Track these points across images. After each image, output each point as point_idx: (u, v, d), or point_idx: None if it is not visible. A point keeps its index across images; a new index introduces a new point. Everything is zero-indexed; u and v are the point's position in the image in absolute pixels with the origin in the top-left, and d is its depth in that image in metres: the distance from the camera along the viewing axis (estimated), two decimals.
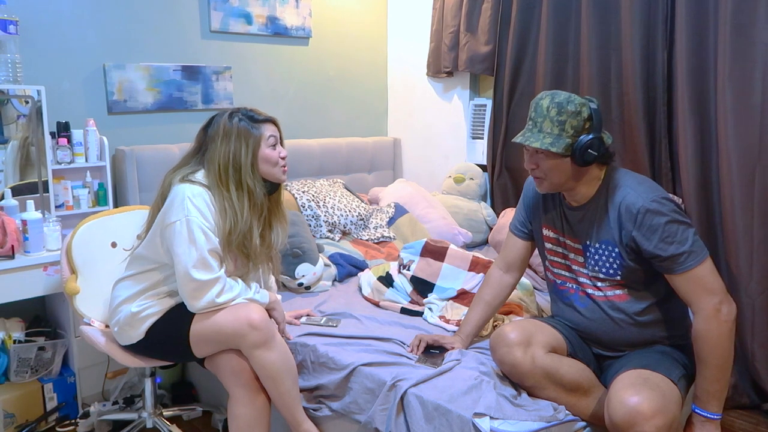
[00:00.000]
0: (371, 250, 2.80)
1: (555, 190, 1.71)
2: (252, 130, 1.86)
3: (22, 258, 2.18)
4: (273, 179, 1.93)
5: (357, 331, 2.05)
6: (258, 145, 1.87)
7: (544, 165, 1.64)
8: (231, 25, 3.05)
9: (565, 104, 1.60)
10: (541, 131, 1.62)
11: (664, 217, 1.56)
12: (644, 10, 2.53)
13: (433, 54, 3.49)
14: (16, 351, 2.30)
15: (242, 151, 1.84)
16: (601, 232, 1.67)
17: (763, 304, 2.34)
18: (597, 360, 1.79)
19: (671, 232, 1.56)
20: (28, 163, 2.43)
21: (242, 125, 1.86)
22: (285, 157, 1.94)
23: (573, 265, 1.75)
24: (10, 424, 2.25)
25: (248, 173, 1.84)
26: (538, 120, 1.63)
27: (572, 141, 1.61)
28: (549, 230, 1.82)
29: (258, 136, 1.87)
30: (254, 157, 1.86)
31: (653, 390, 1.45)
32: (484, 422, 1.53)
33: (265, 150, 1.88)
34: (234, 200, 1.82)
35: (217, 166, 1.83)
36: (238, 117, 1.88)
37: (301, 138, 3.38)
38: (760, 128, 2.26)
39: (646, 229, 1.57)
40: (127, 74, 2.73)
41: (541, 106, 1.63)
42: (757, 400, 2.44)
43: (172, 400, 2.51)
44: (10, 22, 2.28)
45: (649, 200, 1.58)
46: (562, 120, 1.60)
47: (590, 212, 1.69)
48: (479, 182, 3.31)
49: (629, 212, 1.59)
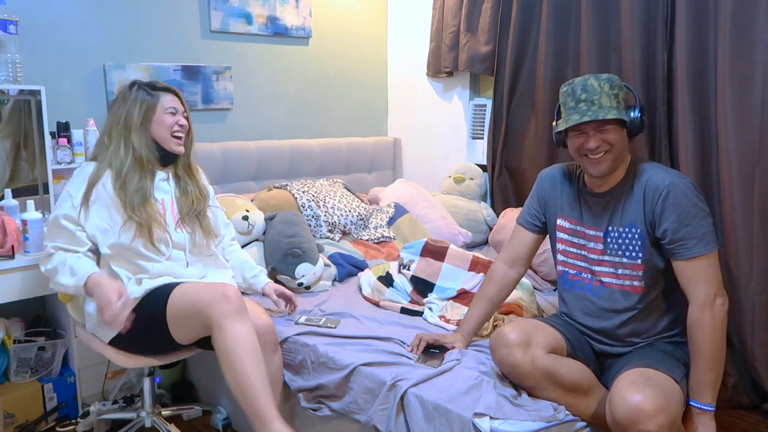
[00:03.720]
0: (371, 250, 2.80)
1: (613, 168, 1.70)
2: (147, 97, 1.95)
3: (22, 258, 2.17)
4: (166, 146, 1.98)
5: (357, 331, 2.05)
6: (152, 110, 1.95)
7: (612, 138, 1.65)
8: (231, 25, 3.05)
9: (614, 80, 1.65)
10: (602, 107, 1.63)
11: (687, 199, 1.60)
12: (644, 10, 2.53)
13: (433, 54, 3.49)
14: (16, 351, 2.30)
15: (134, 113, 1.93)
16: (626, 215, 1.69)
17: (763, 304, 2.34)
18: (598, 359, 1.79)
19: (690, 215, 1.60)
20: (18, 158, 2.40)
21: (139, 92, 1.95)
22: (183, 127, 1.99)
23: (590, 254, 1.76)
24: (10, 424, 2.25)
25: (136, 132, 1.92)
26: (594, 98, 1.64)
27: (626, 112, 1.67)
28: (565, 221, 1.82)
29: (153, 102, 1.95)
30: (146, 119, 1.94)
31: (656, 389, 1.45)
32: (484, 422, 1.53)
33: (161, 115, 1.96)
34: (120, 152, 1.91)
35: (109, 126, 1.95)
36: (138, 86, 1.97)
37: (301, 138, 3.38)
38: (760, 128, 2.26)
39: (668, 205, 1.61)
40: (127, 74, 2.73)
41: (593, 86, 1.64)
42: (757, 400, 2.44)
43: (171, 399, 2.51)
44: (10, 22, 2.28)
45: (676, 180, 1.62)
46: (615, 93, 1.65)
47: (615, 197, 1.72)
48: (479, 182, 3.31)
49: (656, 189, 1.63)
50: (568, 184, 1.84)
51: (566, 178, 1.85)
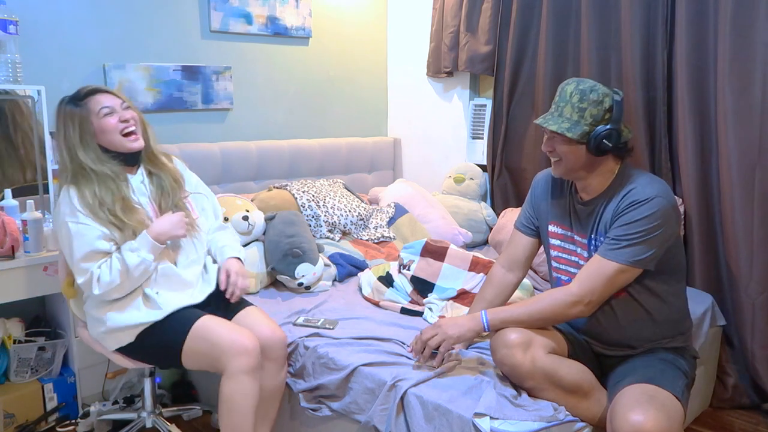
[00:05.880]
0: (371, 250, 2.80)
1: (568, 176, 1.72)
2: (76, 109, 1.82)
3: (22, 258, 2.18)
4: (122, 149, 1.87)
5: (357, 332, 2.05)
6: (86, 120, 1.82)
7: (559, 149, 1.66)
8: (231, 25, 3.05)
9: (588, 92, 1.61)
10: (561, 116, 1.64)
11: (646, 213, 1.56)
12: (644, 10, 2.53)
13: (433, 54, 3.49)
14: (16, 351, 2.30)
15: (71, 131, 1.81)
16: (603, 224, 1.67)
17: (763, 304, 2.34)
18: (598, 360, 1.79)
19: (639, 225, 1.57)
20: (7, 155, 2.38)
21: (67, 107, 1.83)
22: (129, 120, 1.86)
23: (581, 260, 1.75)
24: (10, 424, 2.25)
25: (81, 150, 1.80)
26: (561, 104, 1.65)
27: (589, 129, 1.62)
28: (557, 227, 1.81)
29: (84, 112, 1.82)
30: (84, 133, 1.81)
31: (659, 410, 1.44)
32: (484, 422, 1.53)
33: (99, 121, 1.83)
34: (78, 176, 1.80)
35: (59, 153, 1.84)
36: (66, 100, 1.86)
37: (301, 138, 3.38)
38: (760, 128, 2.26)
39: (630, 210, 1.58)
40: (127, 74, 2.73)
41: (566, 92, 1.64)
42: (757, 400, 2.44)
43: (172, 399, 2.51)
44: (10, 22, 2.28)
45: (657, 197, 1.57)
46: (582, 107, 1.61)
47: (598, 206, 1.69)
48: (479, 182, 3.31)
49: (632, 201, 1.59)
50: (559, 190, 1.82)
51: (558, 183, 1.83)
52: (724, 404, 2.49)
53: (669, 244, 1.61)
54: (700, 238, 2.48)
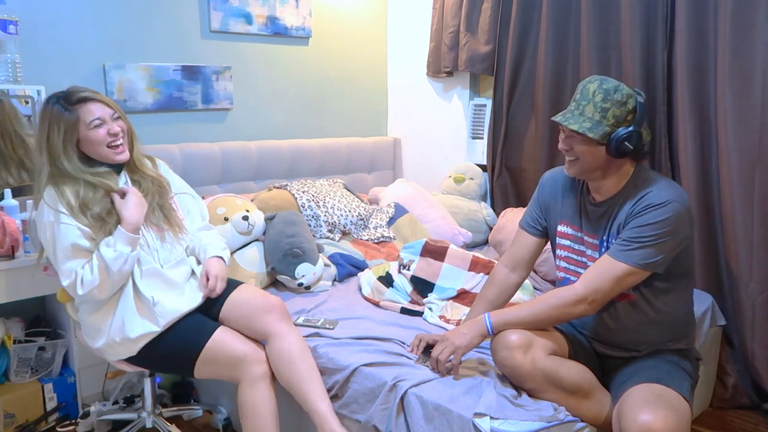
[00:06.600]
0: (371, 250, 2.80)
1: (583, 176, 1.69)
2: (64, 113, 1.75)
3: (22, 258, 2.17)
4: (107, 160, 1.84)
5: (357, 332, 2.05)
6: (73, 129, 1.75)
7: (578, 148, 1.62)
8: (231, 25, 3.05)
9: (612, 92, 1.58)
10: (583, 114, 1.60)
11: (661, 218, 1.54)
12: (644, 10, 2.53)
13: (433, 54, 3.49)
14: (16, 351, 2.30)
15: (54, 136, 1.74)
16: (616, 226, 1.65)
17: (763, 304, 2.34)
18: (600, 360, 1.79)
19: (648, 231, 1.55)
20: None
21: (56, 109, 1.75)
22: (117, 134, 1.81)
23: (589, 261, 1.74)
24: (10, 424, 2.25)
25: (62, 157, 1.75)
26: (582, 103, 1.61)
27: (611, 130, 1.58)
28: (567, 227, 1.80)
29: (73, 119, 1.75)
30: (68, 140, 1.75)
31: (668, 410, 1.44)
32: (485, 422, 1.53)
33: (87, 132, 1.77)
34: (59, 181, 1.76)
35: (37, 153, 1.77)
36: (54, 99, 1.77)
37: (301, 138, 3.38)
38: (760, 128, 2.26)
39: (644, 213, 1.56)
40: (127, 74, 2.73)
41: (588, 90, 1.61)
42: (757, 400, 2.45)
43: (172, 399, 2.51)
44: (10, 22, 2.28)
45: (673, 202, 1.55)
46: (606, 107, 1.58)
47: (610, 208, 1.67)
48: (479, 182, 3.31)
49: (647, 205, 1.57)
50: (570, 190, 1.80)
51: (569, 183, 1.81)
52: (724, 404, 2.49)
53: (680, 249, 1.60)
54: (700, 238, 2.48)
